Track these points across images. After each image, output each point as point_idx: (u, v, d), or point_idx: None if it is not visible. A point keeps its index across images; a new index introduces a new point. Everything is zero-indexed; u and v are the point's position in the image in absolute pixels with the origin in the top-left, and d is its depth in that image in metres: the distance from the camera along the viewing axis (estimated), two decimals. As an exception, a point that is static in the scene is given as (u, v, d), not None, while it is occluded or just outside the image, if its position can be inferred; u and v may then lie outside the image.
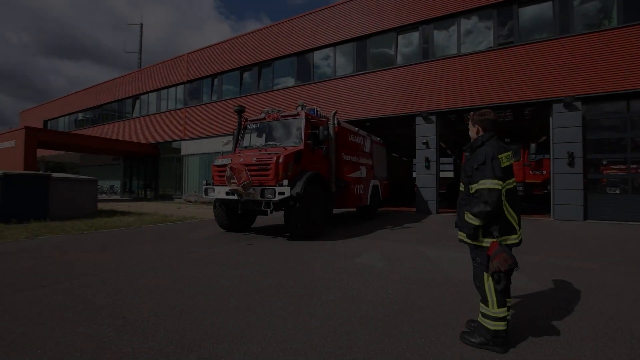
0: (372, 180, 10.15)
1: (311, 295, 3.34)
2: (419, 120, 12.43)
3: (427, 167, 12.11)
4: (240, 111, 8.04)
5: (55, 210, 9.47)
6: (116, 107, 25.68)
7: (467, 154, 2.66)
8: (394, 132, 17.06)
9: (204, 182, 7.27)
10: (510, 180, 2.44)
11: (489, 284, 2.37)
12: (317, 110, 8.05)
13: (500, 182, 2.28)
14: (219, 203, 7.30)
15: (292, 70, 16.45)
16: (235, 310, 2.92)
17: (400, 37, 13.33)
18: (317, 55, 15.59)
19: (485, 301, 2.38)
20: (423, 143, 12.21)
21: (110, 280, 3.75)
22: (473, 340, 2.37)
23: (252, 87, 17.87)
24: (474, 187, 2.38)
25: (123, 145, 21.44)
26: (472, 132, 2.68)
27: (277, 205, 6.34)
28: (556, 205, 10.23)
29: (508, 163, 2.44)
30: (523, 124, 15.81)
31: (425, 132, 12.32)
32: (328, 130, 7.25)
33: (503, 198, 2.34)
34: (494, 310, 2.32)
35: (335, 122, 7.94)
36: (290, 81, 16.56)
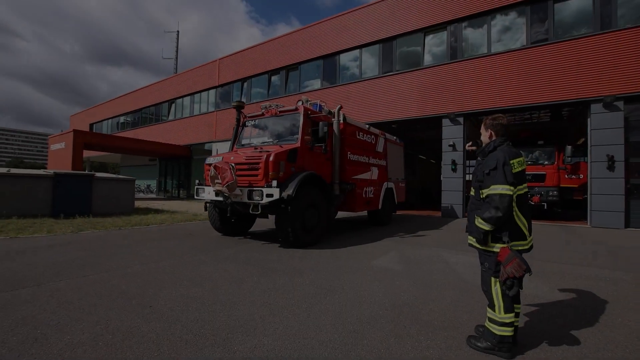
0: (386, 183, 9.40)
1: (324, 295, 3.46)
2: (445, 121, 12.17)
3: (454, 170, 11.82)
4: (239, 107, 7.41)
5: (98, 207, 10.29)
6: (154, 111, 27.23)
7: (478, 158, 2.67)
8: (421, 134, 16.79)
9: (197, 181, 6.82)
10: (522, 186, 2.43)
11: (496, 288, 2.37)
12: (320, 105, 7.33)
13: (512, 188, 2.28)
14: (213, 205, 6.82)
15: (318, 72, 16.68)
16: (251, 305, 3.11)
17: (427, 37, 13.12)
18: (343, 58, 15.69)
19: (492, 306, 2.39)
20: (450, 145, 11.93)
21: (141, 273, 4.08)
22: (479, 344, 2.38)
23: (280, 89, 18.29)
24: (485, 192, 2.40)
25: (159, 147, 22.70)
26: (485, 136, 2.68)
27: (268, 209, 5.77)
28: (593, 212, 9.61)
29: (520, 168, 2.43)
30: (560, 125, 14.98)
31: (452, 134, 12.04)
32: (328, 127, 6.49)
33: (513, 204, 2.34)
34: (500, 315, 2.32)
35: (341, 118, 7.23)
36: (316, 84, 16.79)
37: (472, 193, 2.62)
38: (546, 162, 11.19)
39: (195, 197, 6.73)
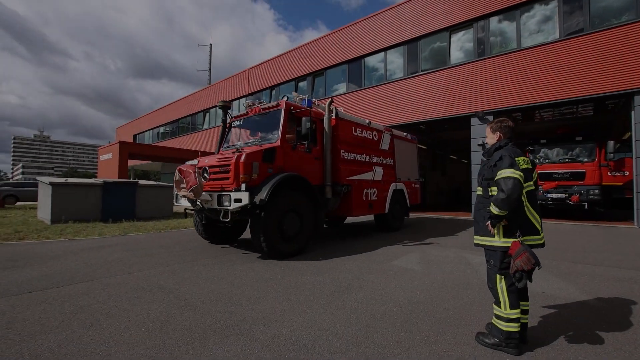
0: (394, 183, 8.51)
1: (342, 292, 3.65)
2: (474, 121, 11.86)
3: (484, 170, 11.45)
4: (225, 107, 6.87)
5: (141, 211, 11.18)
6: (190, 121, 28.84)
7: (483, 159, 2.75)
8: (451, 133, 16.42)
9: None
10: (530, 183, 2.49)
11: (501, 285, 2.45)
12: (310, 101, 6.71)
13: (518, 172, 2.32)
14: (197, 211, 6.19)
15: (344, 77, 16.89)
16: (274, 300, 3.37)
17: (453, 35, 12.90)
18: (369, 61, 15.78)
19: (498, 303, 2.46)
20: (479, 145, 11.59)
21: (178, 270, 4.51)
22: (487, 340, 2.46)
23: (307, 95, 18.69)
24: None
25: (195, 155, 23.99)
26: (492, 139, 2.74)
27: (242, 215, 5.32)
28: (640, 211, 8.94)
29: (525, 166, 2.48)
30: (605, 119, 14.02)
31: (481, 133, 11.68)
32: (317, 123, 5.92)
33: (524, 198, 2.41)
34: (506, 311, 2.39)
35: (333, 113, 6.70)
36: (342, 88, 17.00)
37: (478, 192, 2.69)
38: (586, 159, 10.52)
39: (175, 203, 6.36)
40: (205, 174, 5.63)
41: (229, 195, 5.05)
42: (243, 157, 5.14)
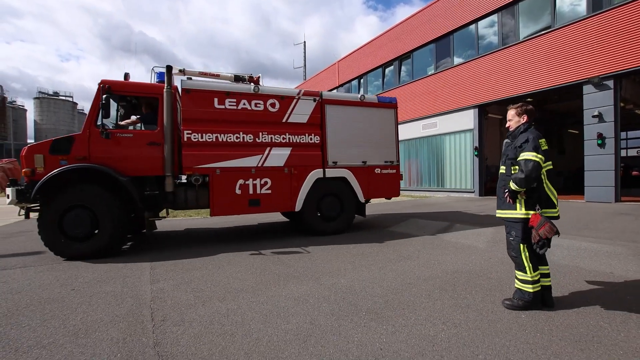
0: (320, 170, 6.30)
1: (399, 260, 4.31)
2: (587, 88, 10.17)
3: (601, 145, 9.80)
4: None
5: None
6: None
7: (507, 140, 3.02)
8: (566, 105, 14.22)
9: None
10: (548, 163, 2.78)
11: (525, 254, 2.77)
12: (163, 73, 5.69)
13: (538, 155, 2.64)
14: None
15: (431, 57, 16.30)
16: (341, 262, 4.29)
17: (559, -8, 11.16)
18: (457, 37, 14.86)
19: (522, 269, 2.78)
20: (594, 116, 9.93)
21: (274, 240, 5.86)
22: (513, 302, 2.79)
23: (394, 80, 18.70)
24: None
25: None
26: (517, 121, 2.98)
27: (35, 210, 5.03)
28: None
29: (545, 147, 2.76)
30: None
31: (598, 101, 9.96)
32: (105, 98, 4.92)
33: (543, 177, 2.72)
34: (531, 274, 2.72)
35: (178, 84, 5.72)
36: (430, 68, 16.45)
37: (502, 171, 2.99)
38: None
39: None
40: None
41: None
42: (25, 150, 4.87)
